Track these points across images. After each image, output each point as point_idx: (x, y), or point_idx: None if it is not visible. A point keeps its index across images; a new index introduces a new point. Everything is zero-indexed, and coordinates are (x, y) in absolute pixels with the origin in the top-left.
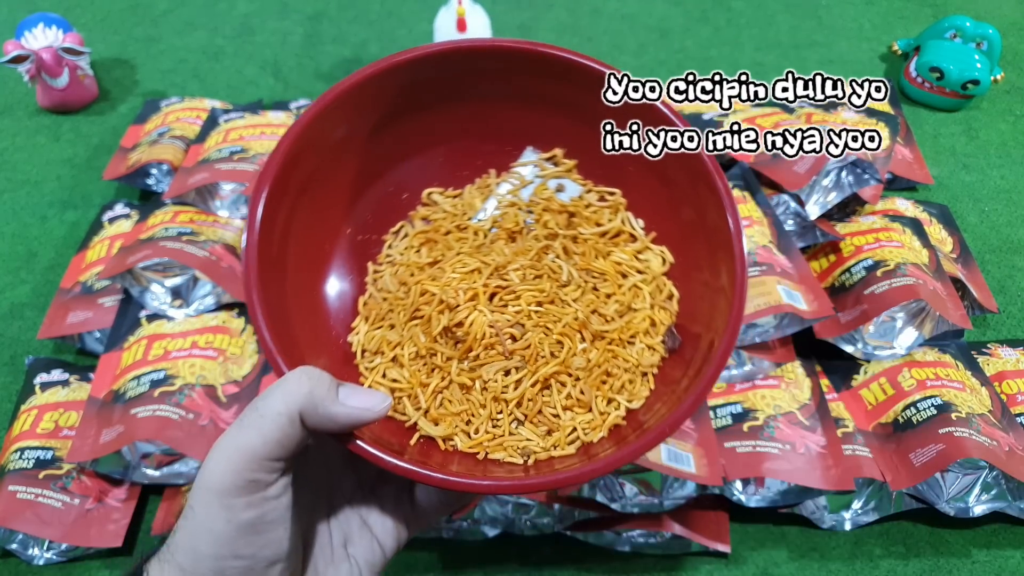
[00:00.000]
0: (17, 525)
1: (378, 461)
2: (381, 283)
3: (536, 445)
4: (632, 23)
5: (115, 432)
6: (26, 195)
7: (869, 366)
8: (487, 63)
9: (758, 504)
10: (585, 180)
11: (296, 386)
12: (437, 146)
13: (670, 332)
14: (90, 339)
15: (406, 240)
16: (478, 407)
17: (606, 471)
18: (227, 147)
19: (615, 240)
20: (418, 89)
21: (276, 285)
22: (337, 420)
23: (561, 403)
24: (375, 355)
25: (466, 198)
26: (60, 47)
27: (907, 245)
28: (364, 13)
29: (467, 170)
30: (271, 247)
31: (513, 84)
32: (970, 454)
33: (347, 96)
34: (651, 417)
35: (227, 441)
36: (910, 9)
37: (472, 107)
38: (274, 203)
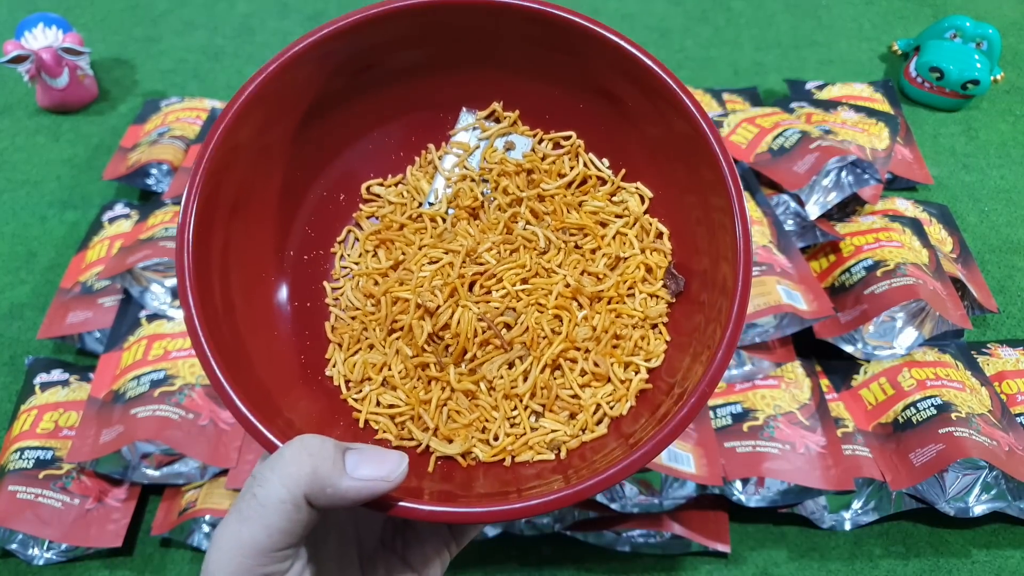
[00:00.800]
0: (17, 525)
1: (424, 516)
2: (344, 301)
3: (563, 434)
4: (632, 23)
5: (115, 432)
6: (26, 195)
7: (869, 366)
8: (398, 29)
9: (758, 504)
10: (533, 130)
11: (296, 467)
12: (363, 134)
13: (670, 273)
14: (90, 339)
15: (357, 246)
16: (490, 411)
17: (653, 455)
18: None
19: (583, 188)
20: (326, 76)
21: (229, 334)
22: (349, 497)
23: (577, 382)
24: (362, 383)
25: (410, 182)
26: (60, 47)
27: (907, 245)
28: None
29: (402, 151)
30: (211, 292)
31: (427, 48)
32: (970, 454)
33: (255, 102)
34: (680, 376)
35: (227, 537)
36: (910, 9)
37: (389, 83)
38: (203, 243)
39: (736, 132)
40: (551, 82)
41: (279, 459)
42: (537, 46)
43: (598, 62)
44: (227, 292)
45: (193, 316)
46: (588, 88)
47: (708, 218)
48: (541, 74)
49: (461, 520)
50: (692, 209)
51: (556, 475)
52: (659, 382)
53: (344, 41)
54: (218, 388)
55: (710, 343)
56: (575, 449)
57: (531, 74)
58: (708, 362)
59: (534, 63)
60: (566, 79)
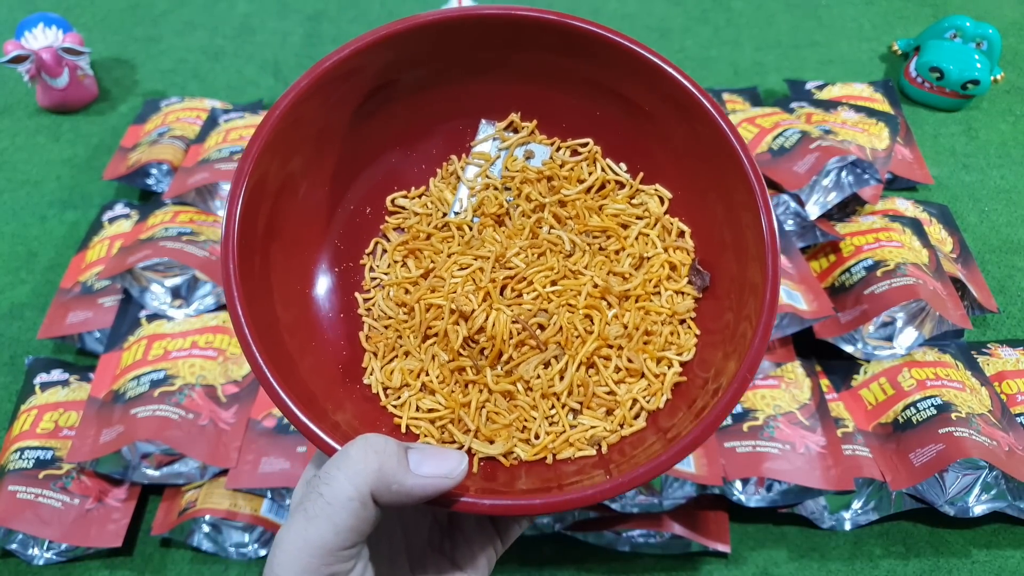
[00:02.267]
0: (17, 525)
1: (485, 510)
2: (376, 311)
3: (602, 429)
4: (632, 23)
5: (115, 432)
6: (26, 195)
7: (869, 366)
8: (419, 44)
9: (758, 504)
10: (551, 139)
11: (363, 464)
12: (386, 149)
13: (695, 270)
14: (90, 339)
15: (386, 257)
16: (529, 410)
17: (692, 448)
18: (227, 147)
19: (603, 192)
20: (350, 96)
21: (276, 346)
22: (414, 494)
23: (612, 378)
24: (400, 390)
25: (434, 193)
26: (60, 47)
27: (907, 245)
28: (364, 13)
29: (424, 163)
30: (257, 308)
31: (445, 62)
32: (970, 454)
33: (283, 124)
34: (713, 372)
35: (293, 537)
36: (910, 9)
37: (409, 97)
38: (248, 264)
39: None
40: (567, 91)
41: (345, 457)
42: (553, 56)
43: (613, 69)
44: (271, 307)
45: (245, 332)
46: (603, 94)
47: (732, 216)
48: (557, 83)
49: (520, 512)
50: (714, 207)
51: (598, 470)
52: (693, 376)
53: (366, 59)
54: (275, 397)
55: (742, 340)
56: (615, 444)
57: (547, 84)
58: (741, 359)
59: (550, 74)
60: (582, 87)
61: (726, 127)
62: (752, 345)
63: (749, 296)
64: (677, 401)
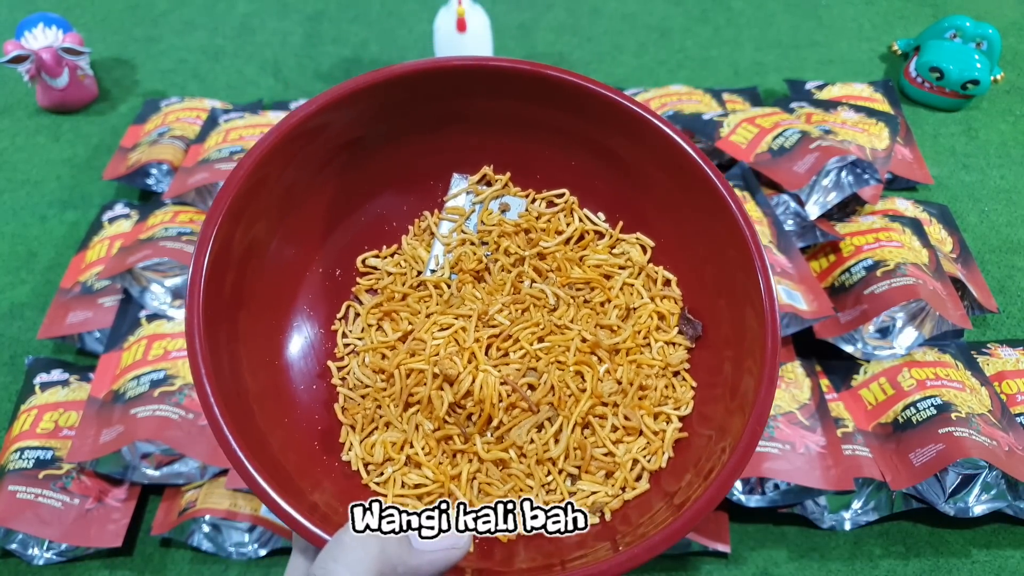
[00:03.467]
0: (17, 525)
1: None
2: (352, 380)
3: (603, 495)
4: (632, 23)
5: (115, 432)
6: (26, 195)
7: (869, 366)
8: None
9: (758, 504)
10: (525, 191)
11: (362, 551)
12: (355, 208)
13: (685, 319)
14: (90, 339)
15: (359, 321)
16: (524, 479)
17: (703, 515)
18: (227, 147)
19: (582, 243)
20: (313, 150)
21: (247, 422)
22: (422, 572)
23: (609, 438)
24: (383, 465)
25: (407, 251)
26: (60, 47)
27: (907, 245)
28: (364, 13)
29: (395, 221)
30: (224, 380)
31: (416, 112)
32: (970, 454)
33: (247, 186)
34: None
35: None
36: (910, 9)
37: (377, 153)
38: (214, 334)
39: (736, 132)
40: (540, 140)
41: (339, 547)
42: (525, 106)
43: (590, 119)
44: (239, 378)
45: (213, 407)
46: (578, 144)
47: (720, 259)
48: (531, 134)
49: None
50: (700, 252)
51: (602, 542)
52: (694, 432)
53: (330, 116)
54: (248, 479)
55: (746, 394)
56: (618, 510)
57: (520, 135)
58: (747, 414)
59: (523, 124)
60: (556, 137)
61: (714, 177)
62: (757, 398)
63: (747, 343)
64: (680, 459)
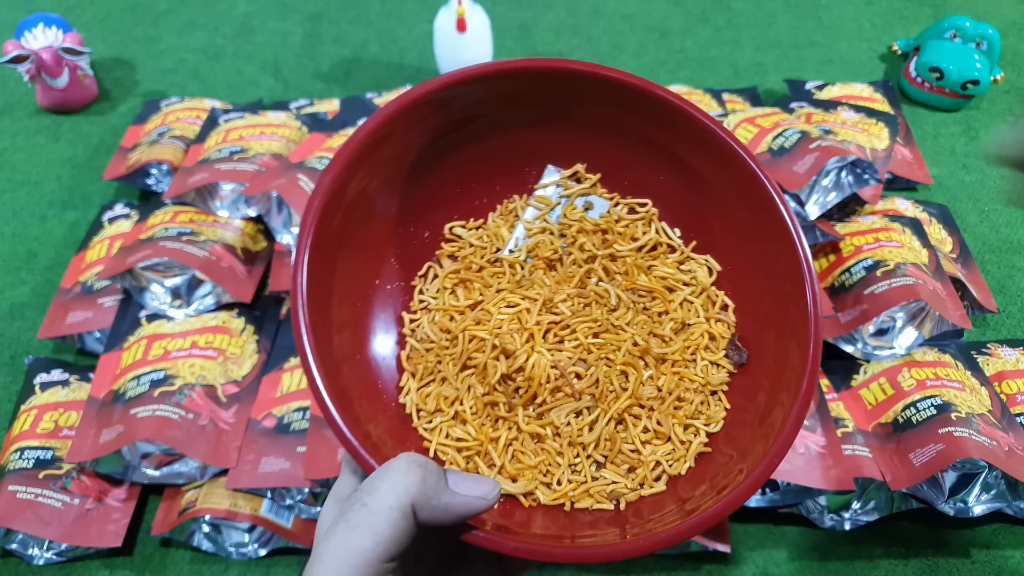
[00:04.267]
0: (17, 525)
1: (501, 547)
2: (420, 333)
3: (623, 487)
4: (632, 23)
5: (115, 432)
6: (26, 195)
7: (869, 366)
8: (504, 87)
9: (758, 504)
10: (611, 194)
11: (405, 475)
12: (454, 177)
13: (734, 345)
14: (90, 339)
15: (437, 282)
16: (554, 456)
17: (708, 524)
18: (227, 147)
19: (654, 254)
20: (434, 121)
21: (328, 353)
22: (451, 511)
23: (639, 438)
24: (433, 414)
25: (491, 228)
26: (60, 47)
27: (907, 245)
28: (364, 13)
29: (486, 198)
30: (315, 306)
31: (527, 107)
32: (970, 454)
33: (366, 144)
34: (739, 450)
35: (335, 547)
36: (910, 9)
37: (485, 134)
38: (316, 264)
39: (736, 132)
40: (635, 151)
41: (388, 470)
42: (625, 116)
43: (686, 139)
44: (327, 306)
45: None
46: (670, 161)
47: (777, 300)
48: (627, 142)
49: (541, 558)
50: (761, 288)
51: (612, 527)
52: (718, 450)
53: (457, 92)
54: (323, 407)
55: (772, 425)
56: (633, 503)
57: (618, 142)
58: (770, 443)
59: (621, 132)
60: (650, 149)
61: (785, 213)
62: (783, 430)
63: (785, 377)
64: (699, 471)
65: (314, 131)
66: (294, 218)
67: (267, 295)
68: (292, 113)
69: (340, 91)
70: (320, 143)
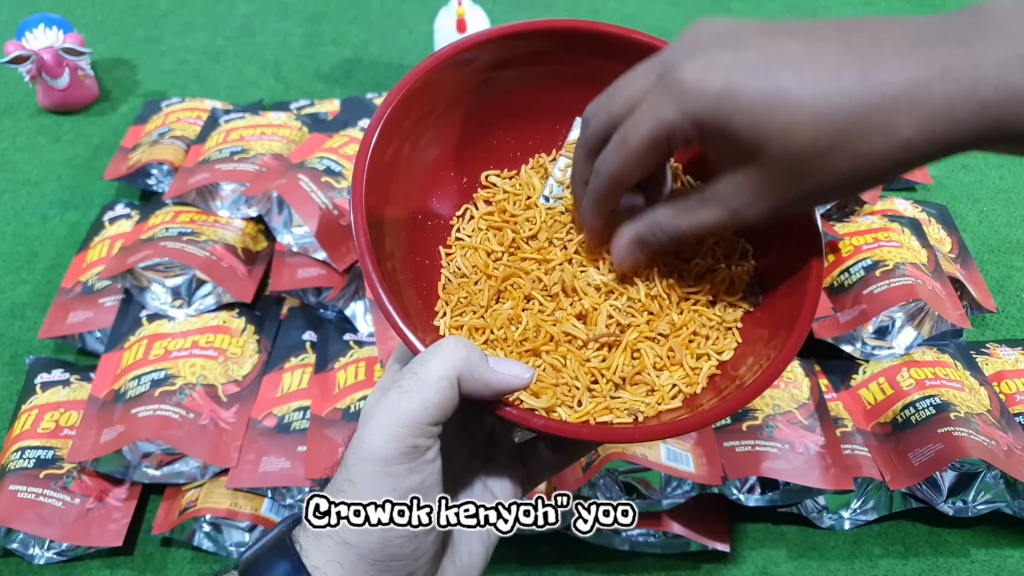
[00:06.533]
0: (18, 524)
1: (528, 423)
2: (453, 267)
3: (641, 404)
4: (632, 23)
5: (116, 432)
6: (27, 195)
7: (868, 366)
8: (542, 44)
9: (757, 503)
10: None
11: (453, 351)
12: (494, 128)
13: (751, 287)
14: (91, 339)
15: (472, 223)
16: (572, 380)
17: (715, 419)
18: (227, 147)
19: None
20: (477, 72)
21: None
22: (491, 385)
23: (654, 363)
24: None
25: (524, 178)
26: (61, 47)
27: (906, 245)
28: (364, 14)
29: (520, 151)
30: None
31: (570, 64)
32: (969, 454)
33: (415, 92)
34: (745, 370)
35: (387, 408)
36: (909, 10)
37: (529, 88)
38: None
39: None
40: None
41: (438, 347)
42: None
43: None
44: (381, 231)
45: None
46: None
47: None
48: None
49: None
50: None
51: (625, 420)
52: (726, 372)
53: (499, 45)
54: (378, 299)
55: (770, 352)
56: (652, 416)
57: None
58: (767, 364)
59: None
60: None
61: None
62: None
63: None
64: (709, 388)
65: (314, 131)
66: (294, 218)
67: (267, 295)
68: (292, 113)
69: (340, 92)
70: (320, 143)
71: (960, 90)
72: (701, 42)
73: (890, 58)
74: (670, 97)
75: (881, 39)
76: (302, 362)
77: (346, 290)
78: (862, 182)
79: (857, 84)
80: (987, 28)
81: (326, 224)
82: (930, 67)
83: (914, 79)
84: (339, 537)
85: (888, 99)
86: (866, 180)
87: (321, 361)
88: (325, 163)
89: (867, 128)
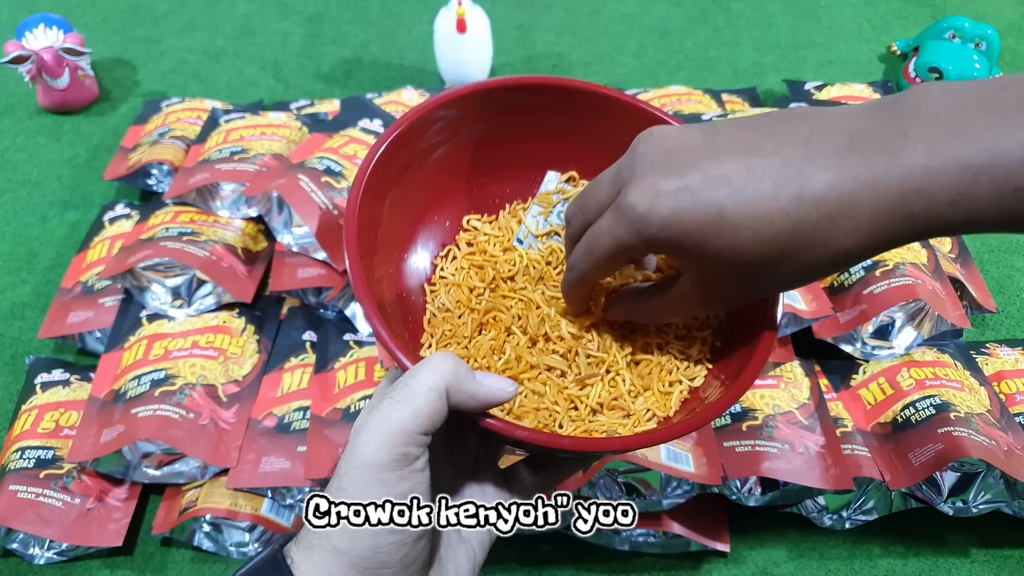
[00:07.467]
0: (18, 525)
1: (513, 434)
2: (438, 302)
3: (619, 426)
4: (632, 24)
5: (116, 432)
6: (27, 195)
7: (868, 366)
8: (535, 98)
9: (757, 503)
10: None
11: (442, 364)
12: (474, 176)
13: (721, 326)
14: (91, 339)
15: (455, 262)
16: (552, 406)
17: (687, 431)
18: (228, 147)
19: None
20: (462, 123)
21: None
22: (477, 397)
23: (629, 390)
24: None
25: (502, 222)
26: (61, 47)
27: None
28: (364, 14)
29: (497, 197)
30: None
31: (547, 117)
32: (969, 453)
33: (400, 141)
34: (711, 392)
35: (379, 418)
36: (909, 10)
37: (506, 139)
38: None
39: None
40: None
41: (427, 361)
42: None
43: None
44: (373, 271)
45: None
46: None
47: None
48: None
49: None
50: None
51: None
52: (695, 397)
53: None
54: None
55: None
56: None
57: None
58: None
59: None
60: None
61: None
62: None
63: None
64: (682, 410)
65: (314, 131)
66: (294, 218)
67: (267, 295)
68: (292, 113)
69: (340, 91)
70: (320, 143)
71: (888, 204)
72: (650, 162)
73: (823, 174)
74: (624, 222)
75: (815, 152)
76: (302, 362)
77: (346, 290)
78: (812, 278)
79: (794, 205)
80: (913, 128)
81: (326, 224)
82: (860, 181)
83: (848, 195)
84: (330, 544)
85: (823, 218)
86: (816, 276)
87: (321, 361)
88: (325, 163)
89: (807, 243)
